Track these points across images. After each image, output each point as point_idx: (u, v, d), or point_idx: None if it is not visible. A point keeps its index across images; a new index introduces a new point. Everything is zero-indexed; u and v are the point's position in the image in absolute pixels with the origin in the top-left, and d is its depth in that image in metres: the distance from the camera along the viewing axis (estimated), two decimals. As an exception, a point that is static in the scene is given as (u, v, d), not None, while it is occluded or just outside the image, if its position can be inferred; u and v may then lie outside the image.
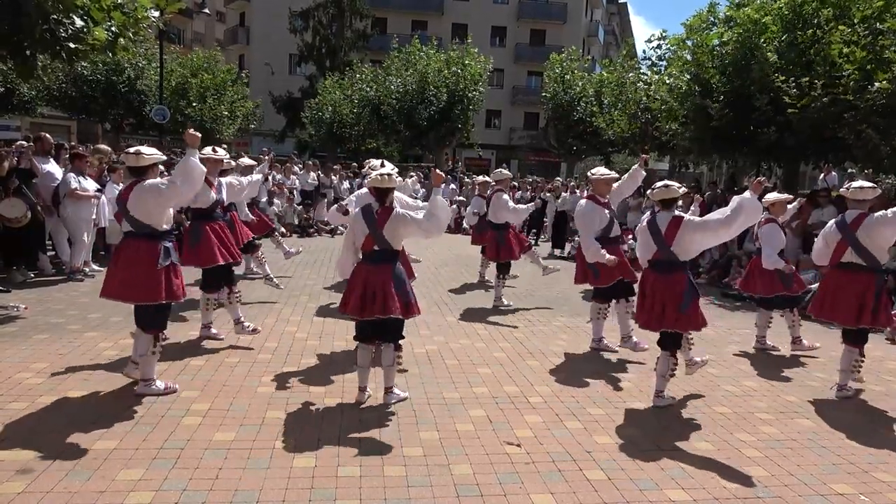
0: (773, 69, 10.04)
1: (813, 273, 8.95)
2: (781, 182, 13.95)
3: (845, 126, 9.45)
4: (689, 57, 12.22)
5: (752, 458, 4.07)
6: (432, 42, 24.51)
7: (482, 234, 9.14)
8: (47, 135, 9.31)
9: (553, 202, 15.12)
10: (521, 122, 42.06)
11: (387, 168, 4.65)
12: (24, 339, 5.67)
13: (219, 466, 3.56)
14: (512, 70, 40.97)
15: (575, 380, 5.44)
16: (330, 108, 27.10)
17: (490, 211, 8.47)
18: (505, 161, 37.37)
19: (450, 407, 4.64)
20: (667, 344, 4.81)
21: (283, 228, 14.91)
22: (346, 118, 26.63)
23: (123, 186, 4.47)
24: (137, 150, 4.47)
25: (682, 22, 12.75)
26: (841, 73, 9.30)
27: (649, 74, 15.93)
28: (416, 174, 16.57)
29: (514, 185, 16.46)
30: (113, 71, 22.86)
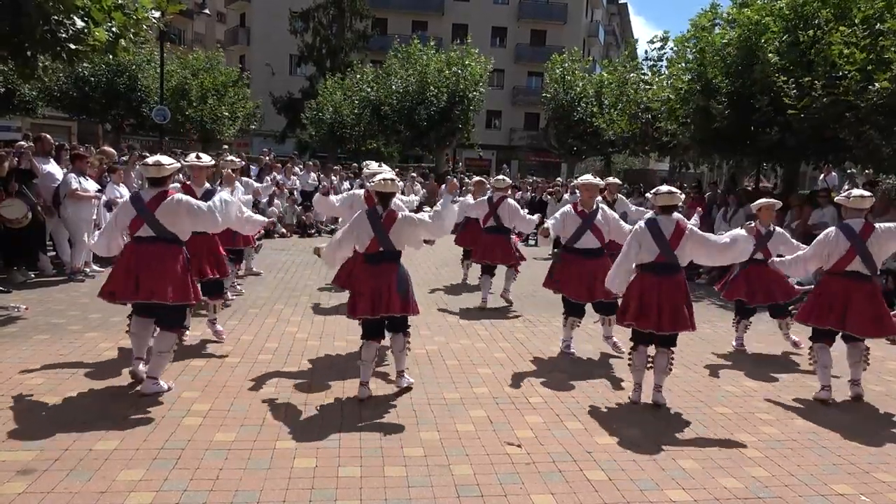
0: (773, 70, 10.03)
1: (812, 274, 8.94)
2: (782, 182, 13.95)
3: (846, 126, 9.44)
4: (690, 55, 12.18)
5: (753, 458, 4.07)
6: (430, 43, 24.49)
7: (473, 236, 9.21)
8: (48, 135, 9.32)
9: (553, 204, 15.10)
10: (522, 123, 42.07)
11: (389, 173, 4.86)
12: (24, 340, 5.68)
13: (219, 467, 3.56)
14: (512, 70, 40.99)
15: (575, 380, 5.45)
16: (330, 109, 27.11)
17: (504, 218, 8.37)
18: (505, 161, 37.44)
19: (450, 407, 4.65)
20: (670, 342, 4.89)
21: (284, 229, 14.93)
22: (346, 119, 26.64)
23: (149, 197, 4.51)
24: (157, 160, 4.61)
25: (690, 19, 12.69)
26: (841, 73, 9.30)
27: (650, 74, 15.90)
28: (415, 176, 16.55)
29: (515, 185, 16.46)
30: (114, 71, 22.86)
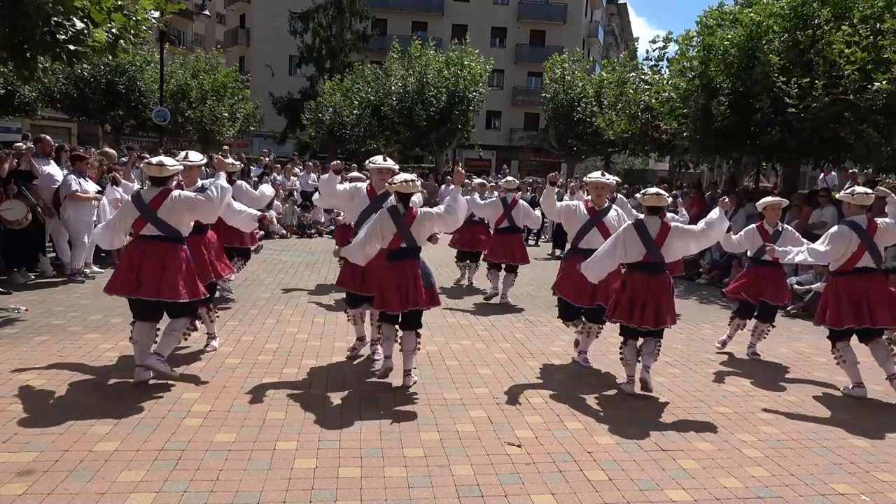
0: (774, 70, 10.03)
1: (811, 273, 8.95)
2: (782, 182, 13.94)
3: (846, 126, 9.45)
4: (693, 53, 12.15)
5: (753, 458, 4.07)
6: (429, 43, 24.48)
7: (473, 237, 9.41)
8: (48, 136, 9.32)
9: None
10: (522, 123, 42.07)
11: (409, 174, 5.08)
12: (24, 341, 5.68)
13: (220, 468, 3.56)
14: (512, 71, 40.98)
15: (575, 380, 5.45)
16: (330, 110, 27.11)
17: (519, 218, 8.87)
18: (505, 161, 37.37)
19: (450, 407, 4.65)
20: (657, 334, 5.13)
21: (284, 230, 14.94)
22: (346, 119, 26.64)
23: (151, 197, 4.64)
24: (160, 161, 4.76)
25: (698, 15, 12.65)
26: (841, 73, 9.29)
27: (650, 74, 15.88)
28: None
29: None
30: (113, 72, 22.85)
